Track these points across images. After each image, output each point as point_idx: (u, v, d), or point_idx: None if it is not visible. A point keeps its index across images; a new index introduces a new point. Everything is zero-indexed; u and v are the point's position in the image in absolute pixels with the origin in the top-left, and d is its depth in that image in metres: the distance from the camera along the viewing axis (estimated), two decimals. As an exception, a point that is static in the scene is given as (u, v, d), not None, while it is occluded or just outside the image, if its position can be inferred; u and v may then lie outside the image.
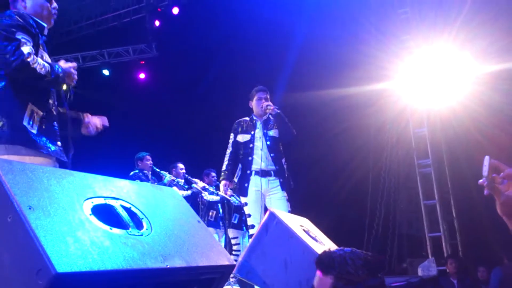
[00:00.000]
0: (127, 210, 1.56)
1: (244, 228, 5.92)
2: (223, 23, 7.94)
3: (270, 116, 4.08)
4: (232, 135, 4.16)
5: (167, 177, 5.72)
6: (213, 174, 6.22)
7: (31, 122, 2.28)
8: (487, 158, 1.22)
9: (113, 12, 8.93)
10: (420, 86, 7.19)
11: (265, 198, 3.93)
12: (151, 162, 5.87)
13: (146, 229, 1.54)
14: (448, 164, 7.38)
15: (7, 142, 2.20)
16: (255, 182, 3.90)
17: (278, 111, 3.94)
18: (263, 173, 3.91)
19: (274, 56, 7.62)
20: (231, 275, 2.97)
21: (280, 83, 7.35)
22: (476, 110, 6.28)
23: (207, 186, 5.61)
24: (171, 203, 1.82)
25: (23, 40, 2.26)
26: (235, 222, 5.99)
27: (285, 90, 7.14)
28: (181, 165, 6.16)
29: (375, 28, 7.14)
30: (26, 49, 2.24)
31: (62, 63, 2.47)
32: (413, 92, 7.33)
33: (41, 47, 2.48)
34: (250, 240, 2.60)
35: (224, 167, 4.13)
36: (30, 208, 1.22)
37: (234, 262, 1.75)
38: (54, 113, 2.46)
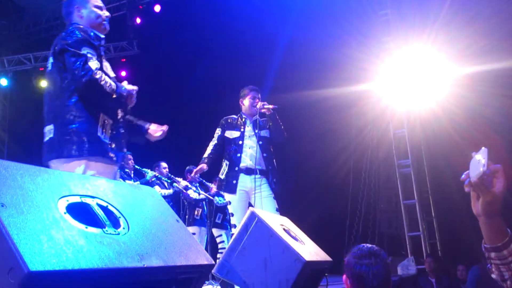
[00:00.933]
0: (104, 208, 1.54)
1: (229, 227, 5.92)
2: (206, 22, 7.93)
3: (259, 116, 4.07)
4: (219, 130, 4.14)
5: (149, 173, 5.68)
6: (164, 165, 6.20)
7: (103, 132, 2.42)
8: (484, 150, 1.21)
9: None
10: (400, 87, 7.28)
11: (250, 197, 3.92)
12: (133, 161, 5.82)
13: (123, 228, 1.52)
14: (427, 164, 7.49)
15: (88, 154, 2.35)
16: (242, 180, 3.89)
17: (275, 108, 3.94)
18: (250, 172, 3.90)
19: (257, 57, 7.63)
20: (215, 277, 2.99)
21: (262, 84, 7.37)
22: (454, 111, 6.39)
23: (189, 185, 5.59)
24: (149, 202, 1.80)
25: (89, 55, 2.35)
26: (219, 221, 5.98)
27: (267, 91, 7.16)
28: (164, 164, 6.13)
29: (356, 30, 7.21)
30: (93, 64, 2.34)
31: (126, 84, 2.60)
32: (393, 93, 7.42)
33: (102, 57, 2.56)
34: (231, 239, 2.59)
35: (206, 155, 4.08)
36: (2, 206, 1.19)
37: (213, 262, 1.74)
38: (122, 120, 2.60)
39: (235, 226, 3.81)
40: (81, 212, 1.45)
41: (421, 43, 6.76)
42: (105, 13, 2.71)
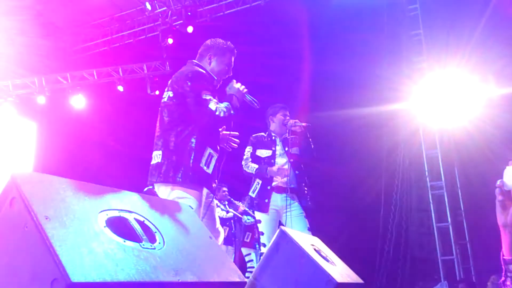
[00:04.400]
0: (141, 223, 1.57)
1: (257, 246, 5.89)
2: (235, 44, 8.03)
3: (288, 134, 4.09)
4: (250, 148, 4.17)
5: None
6: (224, 189, 6.20)
7: (207, 163, 2.67)
8: None
9: (129, 29, 9.12)
10: (432, 107, 7.17)
11: (281, 215, 3.91)
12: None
13: (159, 242, 1.55)
14: (461, 186, 7.29)
15: (189, 183, 2.58)
16: (274, 199, 3.90)
17: (307, 126, 3.97)
18: (282, 190, 3.90)
19: (286, 76, 7.65)
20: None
21: (291, 103, 7.39)
22: (489, 131, 6.23)
23: (247, 210, 5.67)
24: (184, 218, 1.83)
25: (208, 97, 2.67)
26: (247, 240, 5.96)
27: (295, 111, 7.17)
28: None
29: (387, 50, 7.17)
30: (213, 105, 2.64)
31: (234, 83, 2.89)
32: (426, 113, 7.30)
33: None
34: (261, 258, 2.58)
35: (254, 165, 4.10)
36: (46, 218, 1.23)
37: (245, 280, 1.74)
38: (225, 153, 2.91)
39: (264, 245, 3.80)
40: (119, 226, 1.49)
41: (455, 63, 6.67)
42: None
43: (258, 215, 3.93)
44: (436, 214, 7.25)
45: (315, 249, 2.64)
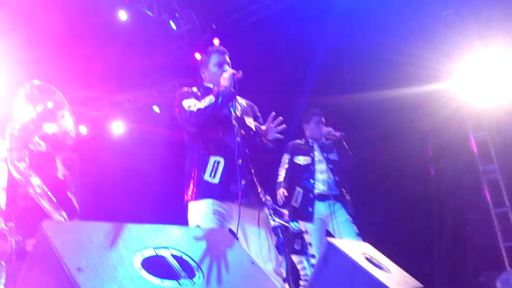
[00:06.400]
0: (178, 259, 1.52)
1: (308, 252, 5.79)
2: (262, 50, 7.95)
3: (324, 139, 4.03)
4: (287, 155, 4.11)
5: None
6: (268, 197, 6.13)
7: (212, 174, 2.55)
8: None
9: (158, 49, 9.27)
10: (476, 87, 6.81)
11: (327, 223, 3.81)
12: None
13: (199, 277, 1.50)
14: (515, 168, 6.88)
15: (196, 198, 2.53)
16: (317, 207, 3.81)
17: (341, 136, 3.89)
18: (325, 198, 3.81)
19: (314, 59, 7.41)
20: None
21: (320, 85, 7.19)
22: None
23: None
24: (223, 246, 1.77)
25: (185, 103, 2.58)
26: (298, 248, 5.85)
27: (324, 93, 6.96)
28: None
29: (421, 29, 6.85)
30: (185, 104, 2.56)
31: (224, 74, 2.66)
32: (470, 94, 6.94)
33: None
34: (312, 272, 2.49)
35: (281, 179, 4.04)
36: (79, 270, 1.20)
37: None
38: (237, 154, 2.61)
39: (314, 256, 3.70)
40: (156, 265, 1.44)
41: (498, 42, 6.31)
42: (225, 68, 2.86)
43: (303, 225, 3.84)
44: (493, 199, 6.87)
45: (366, 258, 2.52)
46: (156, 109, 9.53)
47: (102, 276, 1.23)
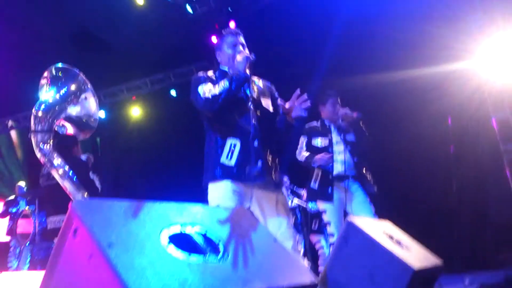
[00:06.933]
0: (203, 236, 1.56)
1: (325, 231, 5.83)
2: (277, 31, 7.88)
3: (341, 120, 4.01)
4: (304, 138, 4.12)
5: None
6: (285, 179, 6.15)
7: (229, 156, 2.59)
8: None
9: (174, 33, 9.27)
10: (497, 66, 6.66)
11: (345, 204, 3.83)
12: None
13: (223, 253, 1.53)
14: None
15: (215, 180, 2.59)
16: (336, 188, 3.83)
17: (358, 116, 3.86)
18: (343, 178, 3.83)
19: (329, 36, 7.30)
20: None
21: (336, 66, 7.09)
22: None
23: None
24: (245, 224, 1.80)
25: (200, 88, 2.60)
26: (315, 227, 5.90)
27: (340, 74, 6.86)
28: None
29: (441, 5, 6.69)
30: (200, 89, 2.58)
31: (238, 57, 2.64)
32: (490, 73, 6.80)
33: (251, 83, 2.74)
34: (331, 250, 2.52)
35: (307, 155, 4.02)
36: (109, 246, 1.24)
37: (316, 280, 1.68)
38: (252, 135, 2.63)
39: (332, 235, 3.73)
40: (182, 241, 1.48)
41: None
42: (238, 48, 2.85)
43: (322, 205, 3.86)
44: (514, 178, 6.78)
45: (386, 235, 2.53)
46: (173, 93, 9.58)
47: (131, 251, 1.28)
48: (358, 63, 6.88)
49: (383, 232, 2.57)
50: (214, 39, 8.46)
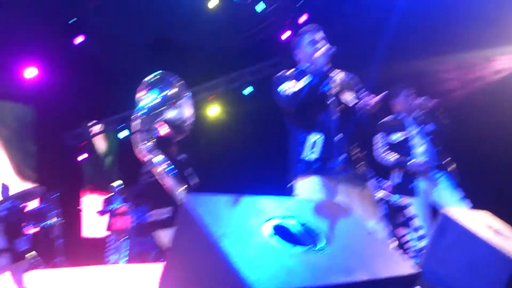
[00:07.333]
0: (303, 227, 1.61)
1: (411, 225, 5.67)
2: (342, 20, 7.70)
3: (418, 111, 3.89)
4: (381, 135, 4.04)
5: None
6: (368, 171, 6.04)
7: (311, 151, 2.66)
8: None
9: (242, 33, 9.42)
10: None
11: (430, 195, 3.73)
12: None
13: (323, 244, 1.57)
14: None
15: (300, 176, 2.65)
16: (420, 180, 3.74)
17: (435, 103, 3.73)
18: (426, 170, 3.72)
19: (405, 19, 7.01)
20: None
21: (411, 47, 6.77)
22: None
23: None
24: (340, 216, 1.83)
25: (281, 87, 2.72)
26: (401, 221, 5.75)
27: (415, 55, 6.54)
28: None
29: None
30: (280, 88, 2.70)
31: (317, 53, 2.69)
32: None
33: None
34: (424, 243, 2.47)
35: (394, 157, 3.94)
36: (222, 237, 1.33)
37: (419, 270, 1.67)
38: (334, 130, 2.67)
39: (421, 228, 3.65)
40: (284, 233, 1.54)
41: None
42: (317, 45, 2.87)
43: (407, 198, 3.78)
44: None
45: (486, 226, 2.43)
46: (247, 90, 9.74)
47: (241, 242, 1.36)
48: (424, 45, 6.55)
49: (482, 222, 2.47)
50: (286, 35, 8.50)
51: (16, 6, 7.47)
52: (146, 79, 2.71)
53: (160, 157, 2.60)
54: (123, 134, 9.96)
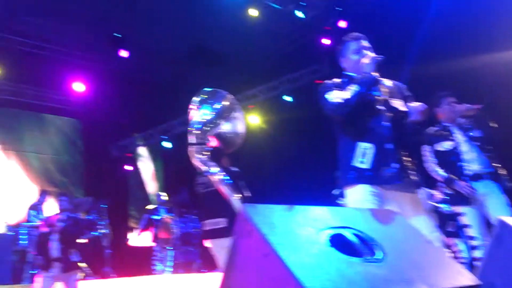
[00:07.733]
0: (359, 237, 1.60)
1: (463, 235, 5.48)
2: (393, 24, 7.59)
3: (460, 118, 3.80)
4: (428, 147, 3.94)
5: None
6: (419, 179, 5.90)
7: (362, 160, 2.61)
8: None
9: (282, 41, 9.45)
10: None
11: (484, 203, 3.59)
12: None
13: (379, 254, 1.55)
14: None
15: (351, 184, 2.61)
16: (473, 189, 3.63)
17: (480, 109, 3.63)
18: (477, 177, 3.60)
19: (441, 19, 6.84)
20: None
21: (447, 47, 6.56)
22: None
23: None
24: (396, 225, 1.80)
25: (329, 95, 2.69)
26: (450, 230, 5.58)
27: (450, 56, 6.32)
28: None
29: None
30: (328, 96, 2.67)
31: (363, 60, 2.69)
32: None
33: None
34: (478, 254, 2.39)
35: (442, 173, 3.85)
36: (280, 245, 1.34)
37: (479, 281, 1.62)
38: (386, 138, 2.64)
39: (475, 238, 3.53)
40: (340, 243, 1.54)
41: None
42: (363, 54, 2.84)
43: (460, 207, 3.67)
44: None
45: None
46: (287, 98, 9.76)
47: (299, 251, 1.36)
48: (459, 44, 6.34)
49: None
50: (325, 41, 8.47)
51: (64, 21, 7.83)
52: (196, 97, 2.79)
53: (216, 168, 2.66)
54: (166, 145, 10.20)
